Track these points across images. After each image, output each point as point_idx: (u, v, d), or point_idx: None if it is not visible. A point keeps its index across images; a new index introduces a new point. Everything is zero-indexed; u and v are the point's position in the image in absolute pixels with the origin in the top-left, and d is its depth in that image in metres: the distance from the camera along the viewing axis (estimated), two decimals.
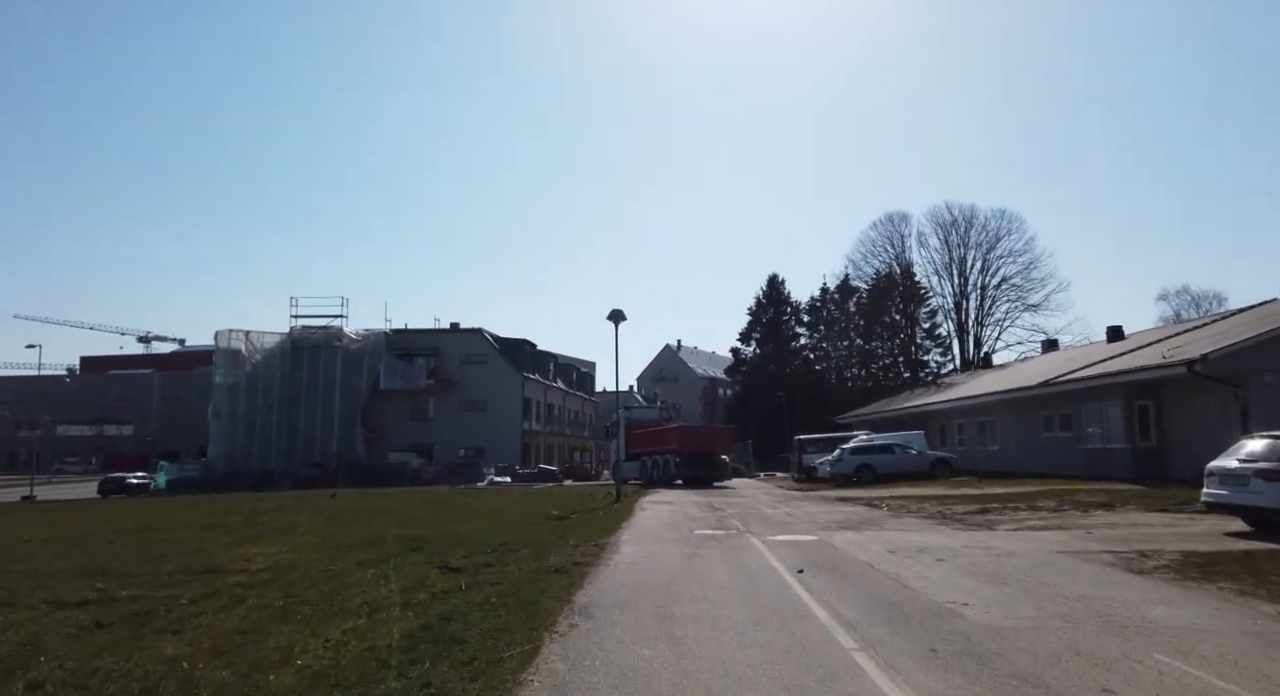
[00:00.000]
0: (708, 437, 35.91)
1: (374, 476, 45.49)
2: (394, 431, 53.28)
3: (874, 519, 15.35)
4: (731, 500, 22.97)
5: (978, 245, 59.66)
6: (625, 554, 10.48)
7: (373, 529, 14.43)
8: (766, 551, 10.53)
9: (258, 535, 14.09)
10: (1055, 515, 14.94)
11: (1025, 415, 31.32)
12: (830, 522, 14.58)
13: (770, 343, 73.17)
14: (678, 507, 19.69)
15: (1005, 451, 32.79)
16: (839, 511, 17.51)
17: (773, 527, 13.90)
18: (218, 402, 50.66)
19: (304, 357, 51.59)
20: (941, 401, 40.16)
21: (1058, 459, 28.60)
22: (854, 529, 13.35)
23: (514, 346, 57.39)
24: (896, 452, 31.76)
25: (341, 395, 51.17)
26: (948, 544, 10.97)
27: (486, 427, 53.56)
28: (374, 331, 53.82)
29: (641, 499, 23.56)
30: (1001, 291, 58.57)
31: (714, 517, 16.45)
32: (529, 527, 14.18)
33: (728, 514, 17.36)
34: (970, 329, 59.72)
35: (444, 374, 54.38)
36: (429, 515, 17.59)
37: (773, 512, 17.67)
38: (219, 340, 51.38)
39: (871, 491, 25.92)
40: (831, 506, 19.47)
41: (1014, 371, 39.90)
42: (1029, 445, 30.96)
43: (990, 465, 32.84)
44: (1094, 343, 37.23)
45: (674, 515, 17.27)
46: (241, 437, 50.01)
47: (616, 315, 23.09)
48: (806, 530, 13.35)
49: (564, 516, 16.69)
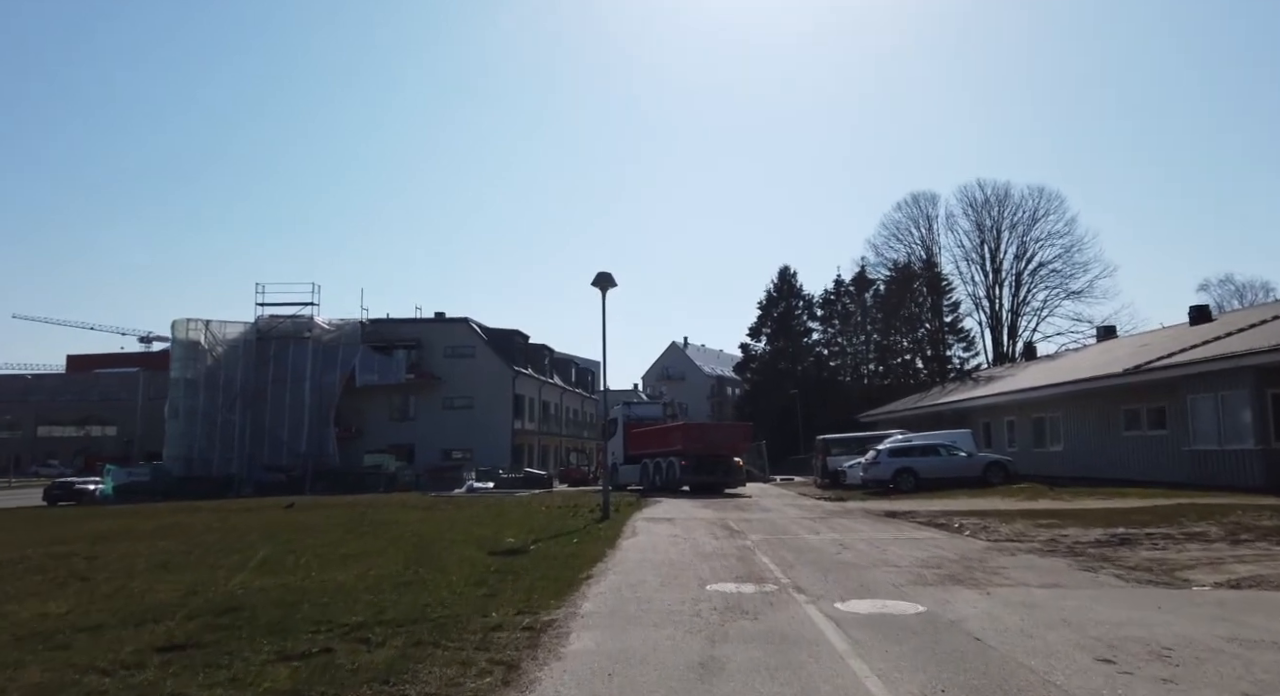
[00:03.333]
0: (718, 437, 30.82)
1: (345, 481, 41.04)
2: (371, 431, 48.37)
3: (975, 556, 10.29)
4: (751, 516, 17.95)
5: (1012, 226, 54.50)
6: (573, 663, 5.38)
7: (202, 574, 9.42)
8: (851, 653, 5.43)
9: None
10: (1256, 551, 9.94)
11: (1099, 410, 26.31)
12: (916, 565, 9.53)
13: (781, 338, 69.68)
14: (682, 530, 14.71)
15: (1071, 453, 27.76)
16: (909, 539, 12.47)
17: (832, 577, 8.85)
18: (174, 400, 45.74)
19: (271, 350, 46.63)
20: (984, 396, 35.13)
21: (1145, 462, 23.74)
22: (968, 582, 8.27)
23: (504, 338, 52.32)
24: (943, 454, 27.00)
25: (312, 391, 46.26)
26: (1185, 631, 5.90)
27: (474, 427, 48.60)
28: (349, 321, 48.78)
29: (636, 514, 18.58)
30: (1040, 277, 53.36)
31: (734, 550, 11.43)
32: (452, 573, 9.20)
33: (752, 543, 12.34)
34: (1004, 319, 54.49)
35: (426, 368, 49.41)
36: (329, 545, 12.56)
37: (815, 541, 12.63)
38: (175, 330, 46.38)
39: (923, 502, 21.01)
40: (889, 528, 14.45)
41: (1069, 362, 34.77)
42: (1104, 445, 25.95)
43: (1052, 469, 27.94)
44: (1166, 327, 32.05)
45: (676, 545, 12.25)
46: (200, 438, 45.16)
47: (603, 280, 18.09)
48: (891, 584, 8.27)
49: (519, 548, 11.71)
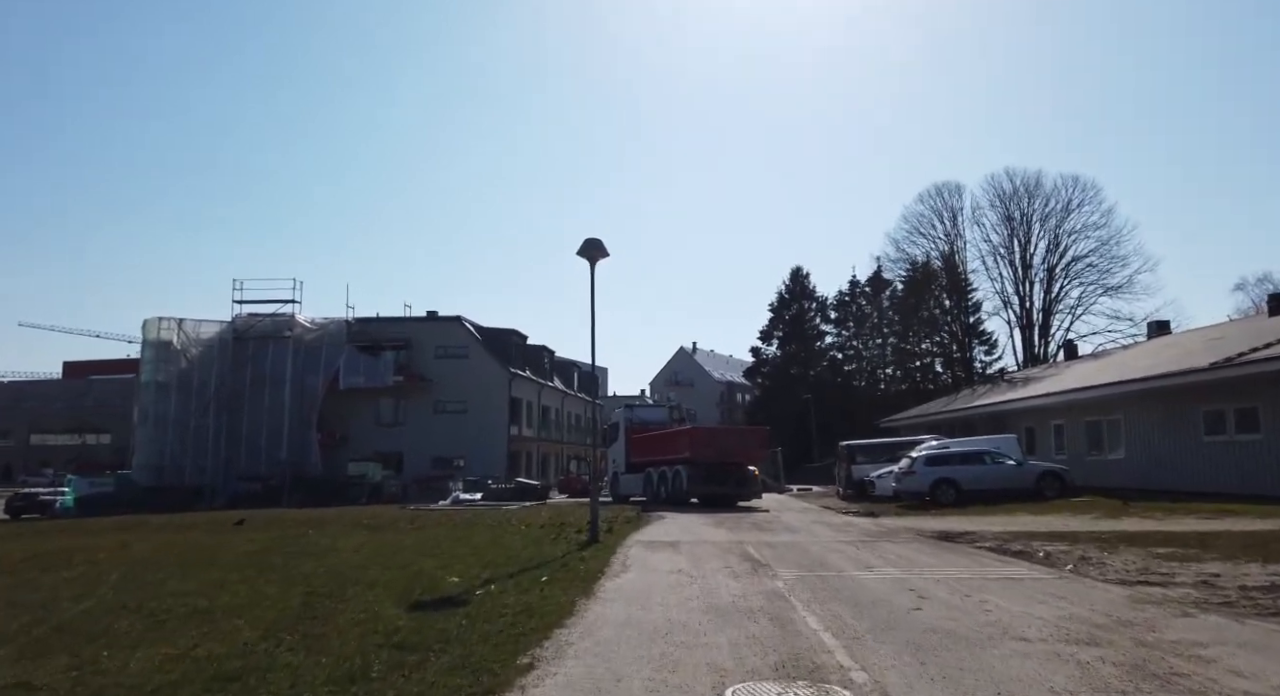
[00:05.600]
0: (731, 442, 27.33)
1: (325, 491, 37.89)
2: (356, 438, 45.03)
3: (1129, 618, 6.79)
4: (775, 538, 14.51)
5: (1044, 218, 50.84)
6: None
7: None
8: None
9: None
10: None
11: (1172, 412, 22.78)
12: (1057, 638, 6.01)
13: (794, 341, 66.71)
14: (689, 560, 11.30)
15: (1135, 461, 24.22)
16: (1002, 580, 9.01)
17: (933, 666, 5.41)
18: (144, 405, 42.51)
19: (249, 351, 43.34)
20: (1025, 398, 31.55)
21: (1233, 472, 20.29)
22: (1174, 686, 4.87)
23: (500, 338, 48.91)
24: (988, 462, 23.62)
25: (293, 395, 42.97)
26: None
27: (467, 433, 45.15)
28: (333, 320, 45.48)
29: (633, 536, 15.18)
30: (1074, 272, 49.66)
31: (762, 602, 7.99)
32: (326, 651, 5.85)
33: (785, 585, 8.91)
34: (1035, 318, 50.80)
35: (416, 370, 46.07)
36: (202, 589, 9.15)
37: (872, 583, 9.19)
38: (146, 330, 43.05)
39: (976, 520, 17.61)
40: (958, 558, 11.03)
41: (1122, 359, 31.20)
42: (1179, 452, 22.41)
43: (1111, 479, 24.48)
44: (1236, 319, 28.46)
45: (678, 591, 8.82)
46: (173, 446, 41.86)
47: (591, 248, 14.70)
48: (1051, 689, 4.88)
49: (457, 597, 8.33)
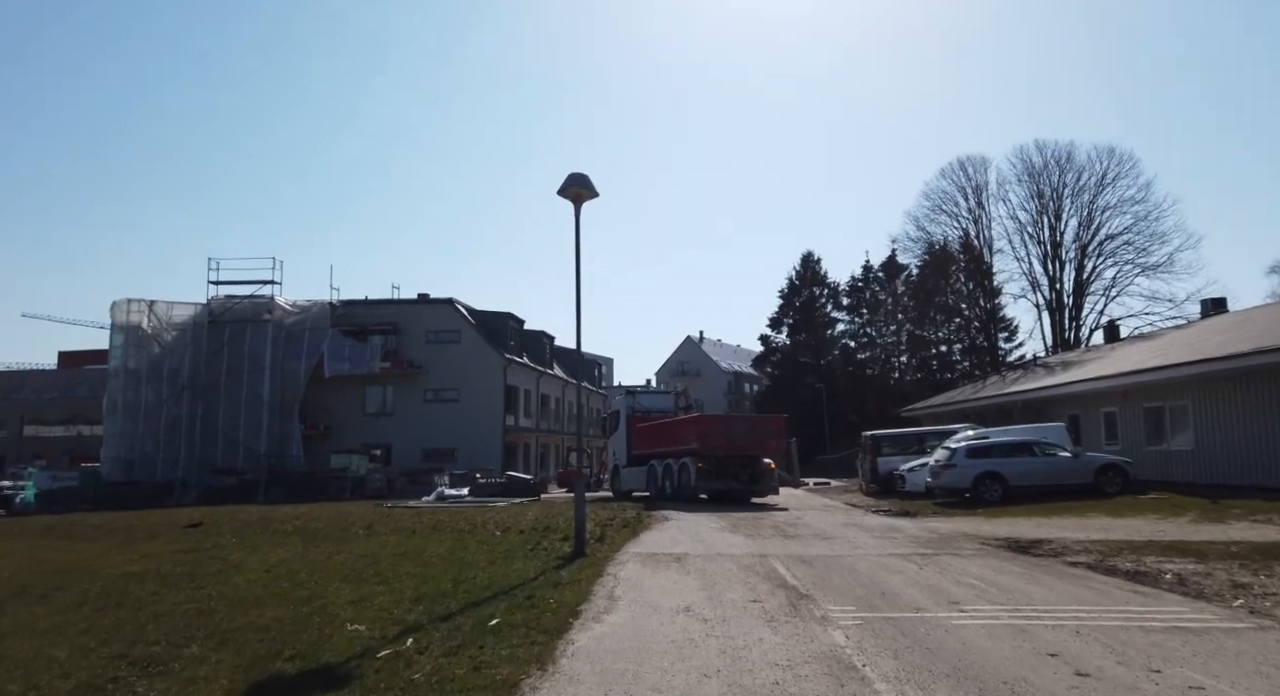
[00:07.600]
0: (744, 432, 24.27)
1: (305, 486, 35.20)
2: (342, 428, 42.17)
3: None
4: (808, 551, 11.53)
5: (1076, 194, 47.44)
6: None
7: None
8: None
9: None
10: None
11: (1254, 397, 19.71)
12: None
13: (804, 329, 64.26)
14: (700, 586, 8.34)
15: (1208, 452, 21.16)
16: (1163, 624, 6.03)
17: None
18: (112, 393, 39.63)
19: (225, 335, 40.39)
20: (1069, 383, 28.45)
21: None
22: None
23: (495, 321, 45.89)
24: (1037, 454, 20.70)
25: (273, 382, 40.11)
26: None
27: (459, 423, 42.31)
28: (316, 302, 42.54)
29: (629, 546, 12.23)
30: (1108, 251, 46.27)
31: (823, 680, 5.07)
32: None
33: (848, 637, 5.93)
34: (1065, 300, 47.54)
35: (405, 355, 43.17)
36: None
37: (972, 632, 6.20)
38: (115, 313, 40.17)
39: (1042, 524, 14.71)
40: (1061, 582, 8.06)
41: (1177, 339, 28.08)
42: (1264, 443, 19.35)
43: (1177, 473, 21.59)
44: None
45: (686, 651, 5.85)
46: (144, 438, 39.10)
47: (576, 185, 11.74)
48: None
49: (368, 647, 5.41)
